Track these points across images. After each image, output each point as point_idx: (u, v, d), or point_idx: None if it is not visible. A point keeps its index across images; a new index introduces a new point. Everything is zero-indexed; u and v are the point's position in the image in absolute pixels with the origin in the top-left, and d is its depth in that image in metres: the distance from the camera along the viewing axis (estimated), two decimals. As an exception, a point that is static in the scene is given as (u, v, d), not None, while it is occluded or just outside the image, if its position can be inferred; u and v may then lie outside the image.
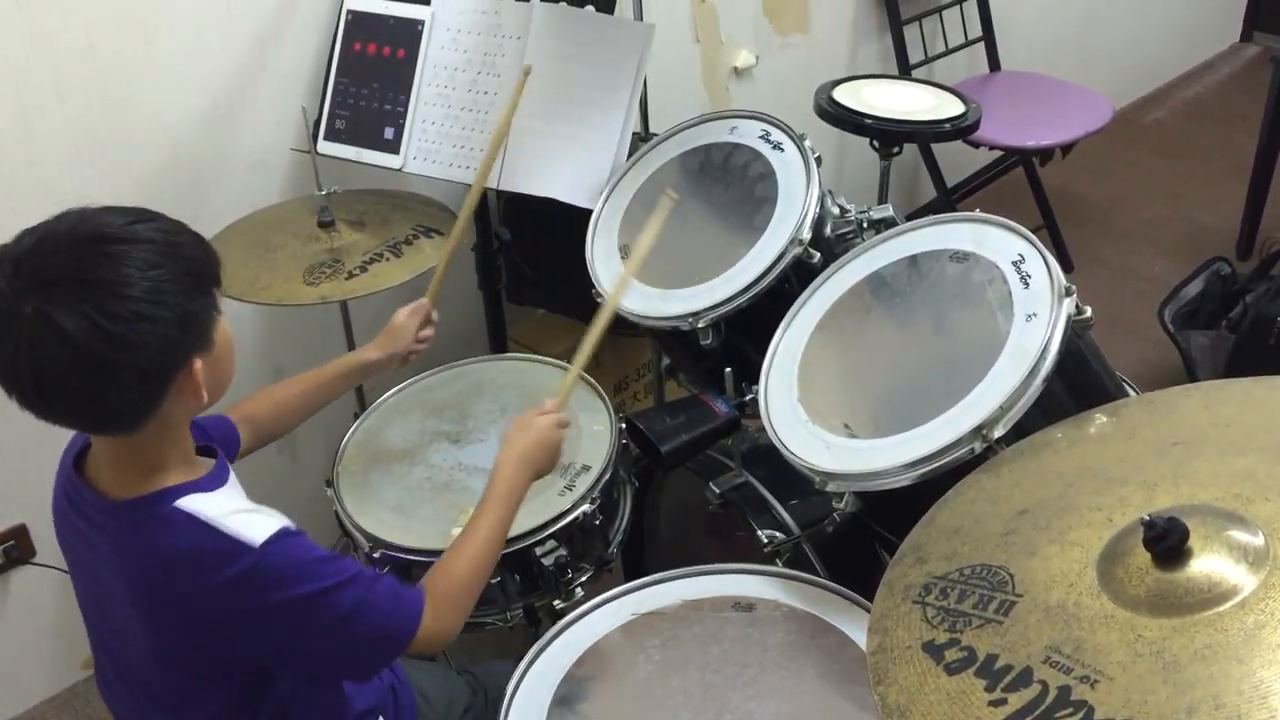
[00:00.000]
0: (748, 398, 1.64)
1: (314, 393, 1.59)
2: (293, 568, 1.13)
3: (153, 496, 1.14)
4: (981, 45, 3.31)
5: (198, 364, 1.11)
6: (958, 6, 3.22)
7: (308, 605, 1.14)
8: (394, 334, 1.65)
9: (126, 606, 1.15)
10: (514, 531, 1.56)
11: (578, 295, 1.82)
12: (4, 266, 1.03)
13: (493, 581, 1.55)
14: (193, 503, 1.14)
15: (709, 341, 1.64)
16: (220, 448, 1.27)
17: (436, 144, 2.01)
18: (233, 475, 1.25)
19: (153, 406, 1.10)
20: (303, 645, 1.16)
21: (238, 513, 1.14)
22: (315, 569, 1.15)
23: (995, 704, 0.89)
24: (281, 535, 1.13)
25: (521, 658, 1.36)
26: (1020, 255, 1.40)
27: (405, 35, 2.03)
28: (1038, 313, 1.33)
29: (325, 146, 2.07)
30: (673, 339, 1.75)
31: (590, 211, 1.86)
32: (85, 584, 1.25)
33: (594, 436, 1.71)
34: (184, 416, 1.17)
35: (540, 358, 1.92)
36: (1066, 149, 3.04)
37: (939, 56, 3.23)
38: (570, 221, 1.86)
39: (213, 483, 1.18)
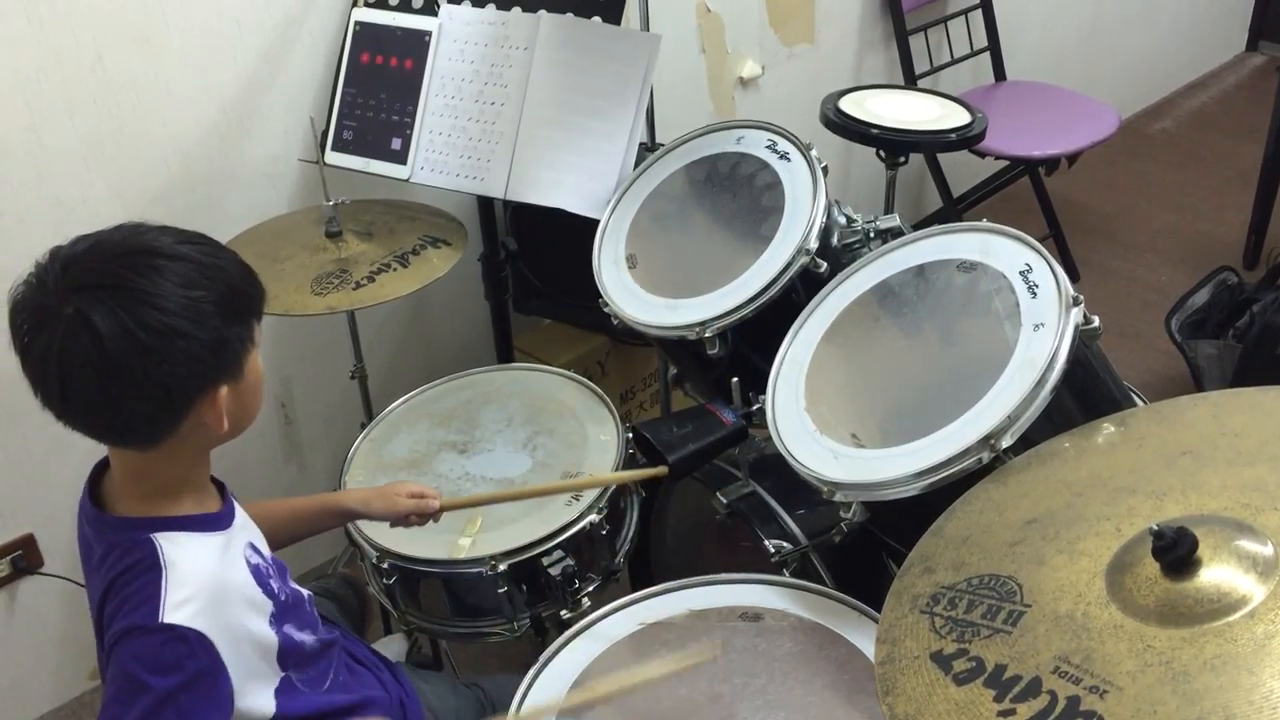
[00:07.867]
0: (755, 407, 1.63)
1: (288, 524, 1.46)
2: (157, 662, 1.05)
3: (142, 520, 1.13)
4: (987, 55, 3.32)
5: (223, 391, 1.11)
6: (963, 16, 3.22)
7: (139, 700, 1.06)
8: (385, 497, 1.50)
9: None
10: (521, 541, 1.57)
11: (584, 305, 1.82)
12: (54, 266, 1.05)
13: (499, 591, 1.55)
14: (170, 541, 1.10)
15: (716, 351, 1.64)
16: None
17: (444, 154, 2.01)
18: (242, 515, 1.23)
19: (170, 426, 1.09)
20: None
21: (193, 584, 1.09)
22: (169, 681, 1.06)
23: (1004, 714, 0.89)
24: (193, 638, 1.06)
25: (528, 668, 1.36)
26: (1028, 265, 1.40)
27: (413, 46, 2.04)
28: (1045, 322, 1.32)
29: (333, 157, 2.08)
30: (680, 348, 1.75)
31: (597, 221, 1.86)
32: None
33: (601, 446, 1.72)
34: (203, 444, 1.16)
35: (547, 367, 1.92)
36: (1072, 159, 3.04)
37: (944, 66, 3.23)
38: (577, 231, 1.86)
39: (217, 523, 1.17)
